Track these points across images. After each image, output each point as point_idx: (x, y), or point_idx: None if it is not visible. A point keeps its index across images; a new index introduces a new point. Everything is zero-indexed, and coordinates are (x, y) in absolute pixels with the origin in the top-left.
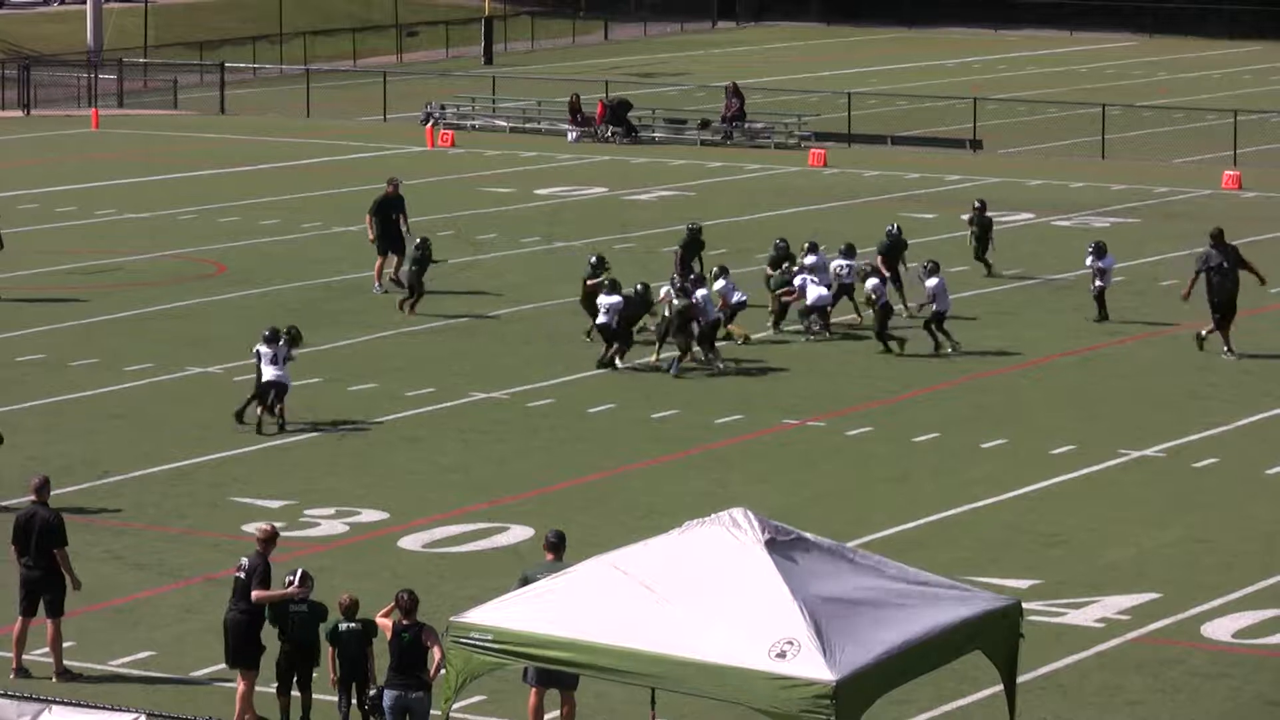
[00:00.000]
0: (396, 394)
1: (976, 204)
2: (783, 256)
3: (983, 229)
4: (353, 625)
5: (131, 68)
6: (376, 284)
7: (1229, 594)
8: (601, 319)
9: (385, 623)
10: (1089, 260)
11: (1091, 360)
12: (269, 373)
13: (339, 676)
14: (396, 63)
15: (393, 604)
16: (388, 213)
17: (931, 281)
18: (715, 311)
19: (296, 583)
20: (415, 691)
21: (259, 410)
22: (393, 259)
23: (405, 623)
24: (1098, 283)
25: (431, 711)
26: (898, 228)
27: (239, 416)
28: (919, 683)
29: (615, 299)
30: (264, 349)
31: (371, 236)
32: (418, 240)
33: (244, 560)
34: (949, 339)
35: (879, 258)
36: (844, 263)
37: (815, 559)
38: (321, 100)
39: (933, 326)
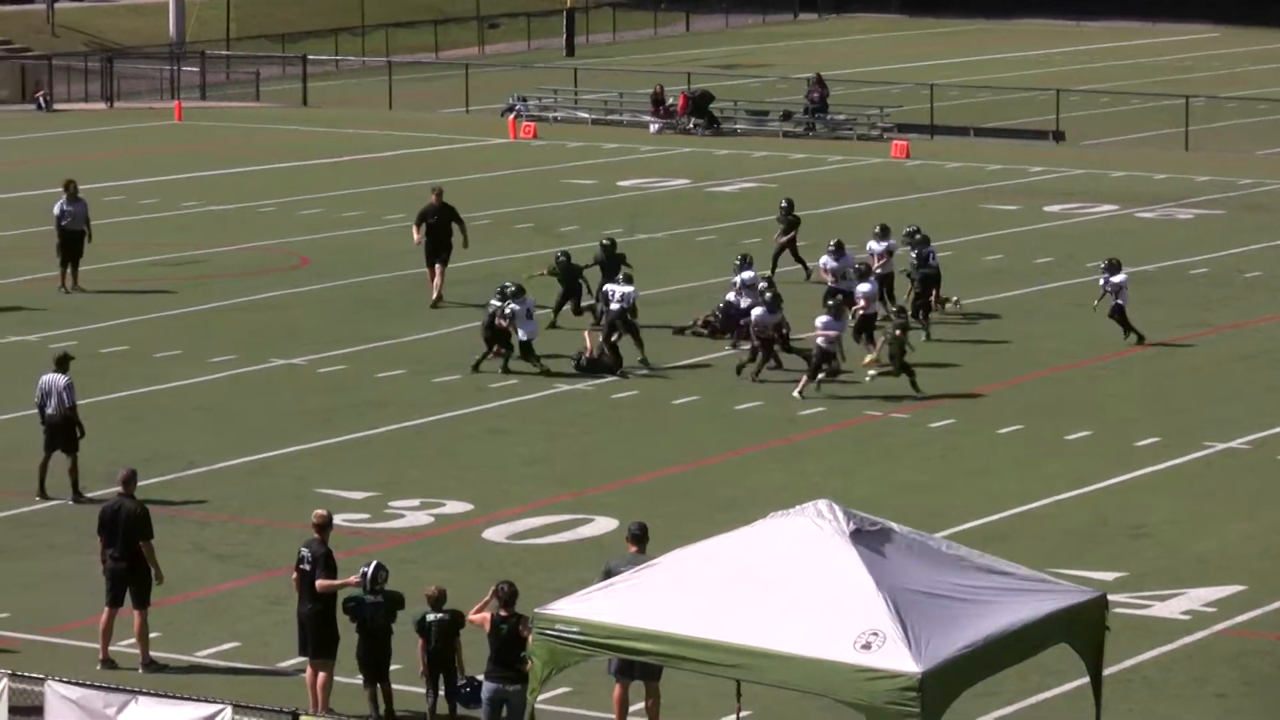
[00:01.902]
0: (481, 385)
1: (784, 203)
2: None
3: (789, 227)
4: (440, 616)
5: (214, 60)
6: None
7: None
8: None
9: (480, 617)
10: (1102, 280)
11: (1175, 352)
12: (522, 333)
13: (426, 667)
14: (478, 55)
15: (488, 596)
16: (427, 223)
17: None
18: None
19: (370, 576)
20: (513, 684)
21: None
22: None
23: (503, 614)
24: (1117, 301)
25: None
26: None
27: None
28: (1004, 675)
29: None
30: (515, 306)
31: (416, 240)
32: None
33: (304, 551)
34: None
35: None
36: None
37: (900, 550)
38: (403, 92)
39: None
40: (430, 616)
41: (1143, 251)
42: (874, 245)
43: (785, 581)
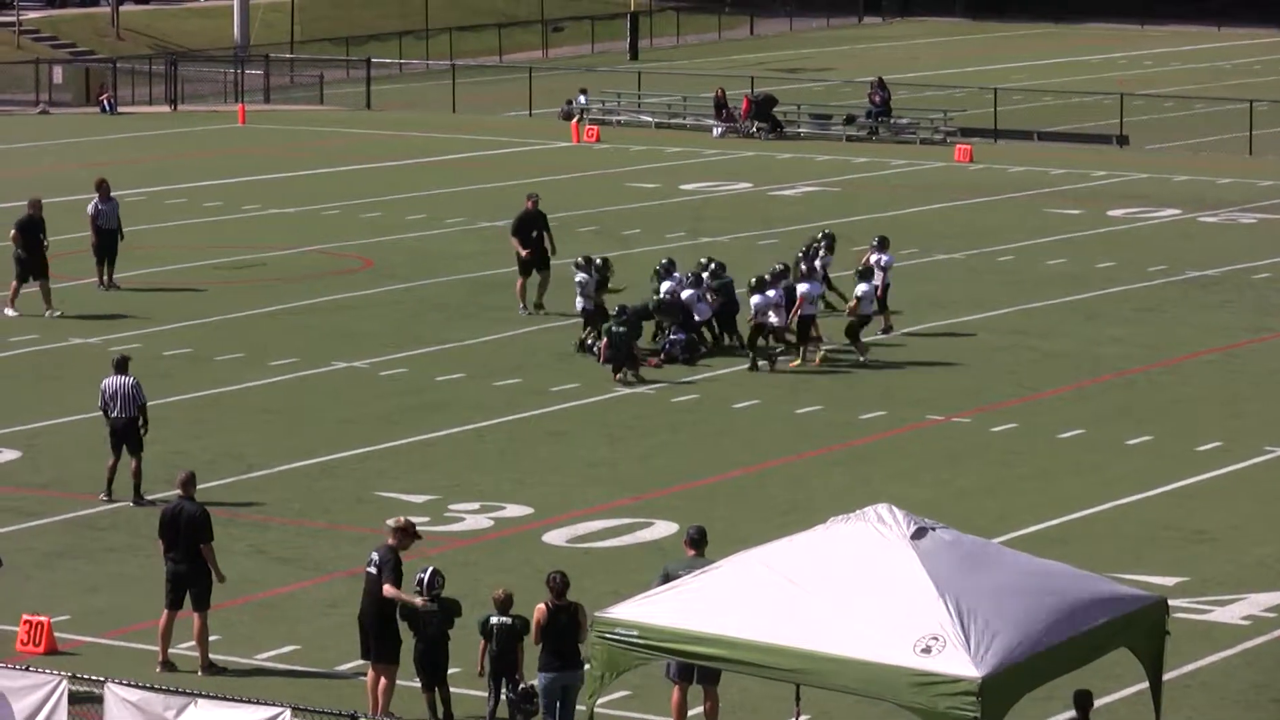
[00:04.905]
0: (541, 389)
1: (600, 261)
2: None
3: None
4: (505, 620)
5: (278, 63)
6: (522, 306)
7: None
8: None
9: (540, 609)
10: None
11: (1238, 356)
12: (579, 303)
13: (489, 671)
14: (542, 58)
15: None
16: (529, 230)
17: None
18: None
19: (427, 582)
20: (574, 669)
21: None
22: (534, 279)
23: (559, 603)
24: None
25: (577, 707)
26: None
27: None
28: (1064, 679)
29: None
30: (580, 276)
31: (525, 253)
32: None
33: (374, 555)
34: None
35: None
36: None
37: (961, 555)
38: (467, 95)
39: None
40: (494, 620)
41: (1206, 256)
42: (872, 258)
43: (845, 585)
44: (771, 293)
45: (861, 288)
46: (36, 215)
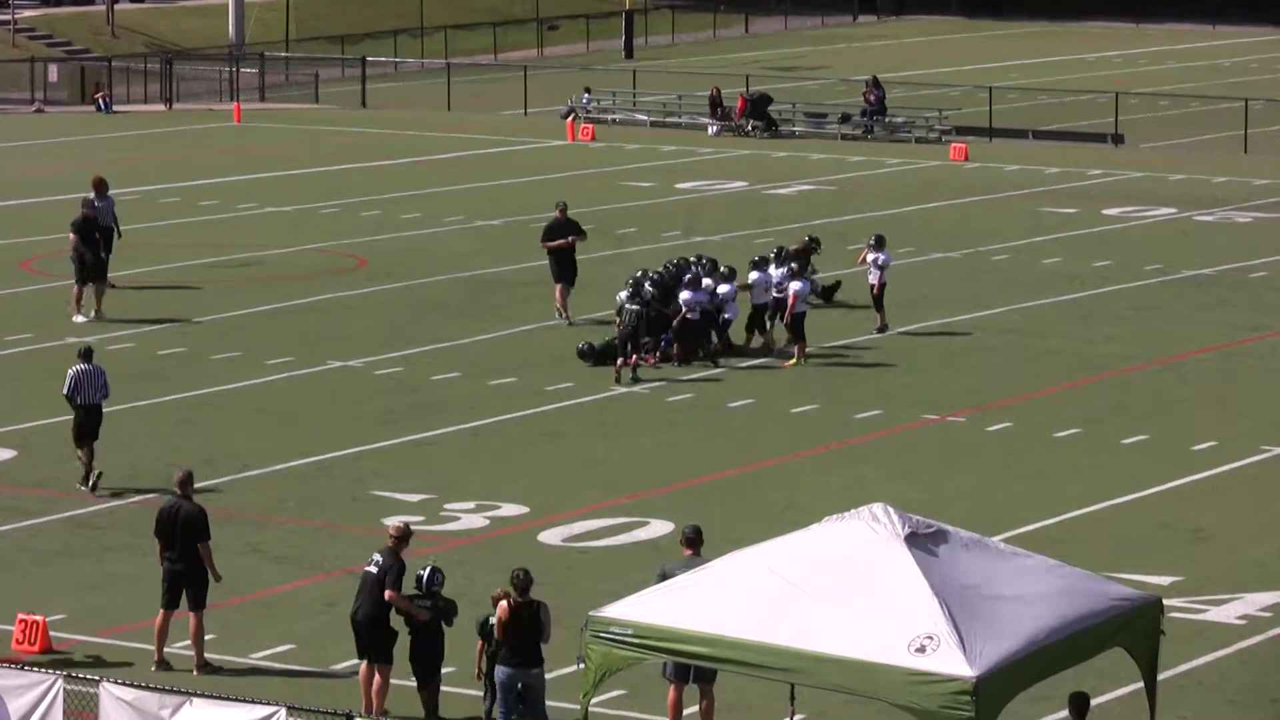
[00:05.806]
0: (537, 388)
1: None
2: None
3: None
4: None
5: (273, 62)
6: (561, 315)
7: None
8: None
9: (503, 606)
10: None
11: (1234, 356)
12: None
13: (486, 671)
14: (537, 57)
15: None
16: (556, 239)
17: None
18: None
19: (426, 579)
20: (533, 667)
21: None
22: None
23: (520, 600)
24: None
25: (568, 706)
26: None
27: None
28: (1059, 679)
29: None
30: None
31: (563, 242)
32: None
33: (377, 556)
34: None
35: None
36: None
37: (956, 553)
38: (462, 94)
39: None
40: (493, 619)
41: (1202, 255)
42: (868, 256)
43: (840, 585)
44: (725, 288)
45: (753, 276)
46: (91, 215)
